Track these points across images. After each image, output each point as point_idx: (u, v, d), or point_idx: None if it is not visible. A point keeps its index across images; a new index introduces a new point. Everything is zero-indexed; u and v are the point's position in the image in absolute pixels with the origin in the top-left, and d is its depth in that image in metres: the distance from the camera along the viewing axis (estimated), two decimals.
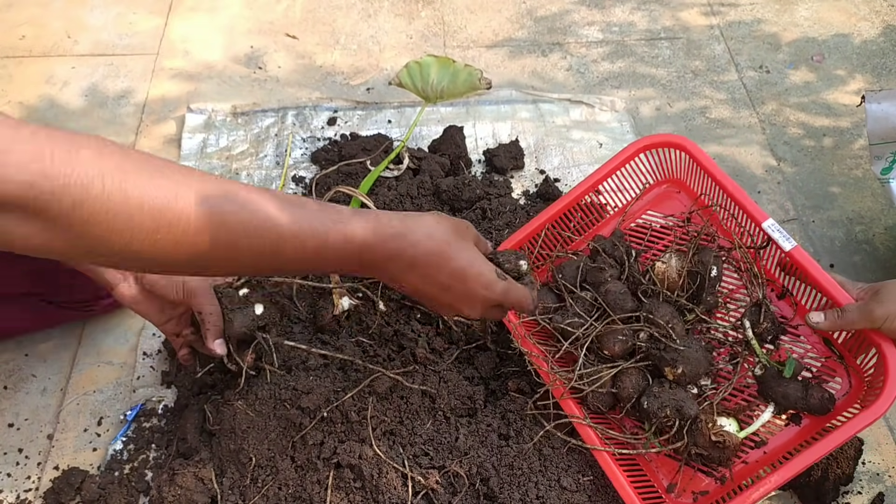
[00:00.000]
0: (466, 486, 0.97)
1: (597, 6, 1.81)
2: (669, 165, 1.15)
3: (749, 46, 1.71)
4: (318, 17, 1.76)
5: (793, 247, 0.99)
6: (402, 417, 1.00)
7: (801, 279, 1.01)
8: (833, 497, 1.04)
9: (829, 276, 0.97)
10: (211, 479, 0.97)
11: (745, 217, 1.04)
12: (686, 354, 0.94)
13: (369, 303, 1.09)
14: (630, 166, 1.15)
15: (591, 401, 0.98)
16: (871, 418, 0.88)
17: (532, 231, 1.12)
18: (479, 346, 1.11)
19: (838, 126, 1.56)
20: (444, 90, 1.35)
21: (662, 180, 1.17)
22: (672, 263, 1.02)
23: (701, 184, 1.12)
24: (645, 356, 0.98)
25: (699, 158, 1.08)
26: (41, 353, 1.19)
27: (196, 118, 1.51)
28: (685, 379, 0.95)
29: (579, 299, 1.03)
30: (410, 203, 1.26)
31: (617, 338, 0.98)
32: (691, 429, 0.94)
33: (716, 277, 1.02)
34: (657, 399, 0.94)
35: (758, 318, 0.99)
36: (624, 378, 0.98)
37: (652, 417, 0.94)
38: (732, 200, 1.05)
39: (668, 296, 1.01)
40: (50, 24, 1.71)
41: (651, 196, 1.18)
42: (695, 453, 0.95)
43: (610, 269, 1.05)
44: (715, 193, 1.09)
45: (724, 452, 0.93)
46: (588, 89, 1.63)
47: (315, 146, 1.46)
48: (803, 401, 0.95)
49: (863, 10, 1.79)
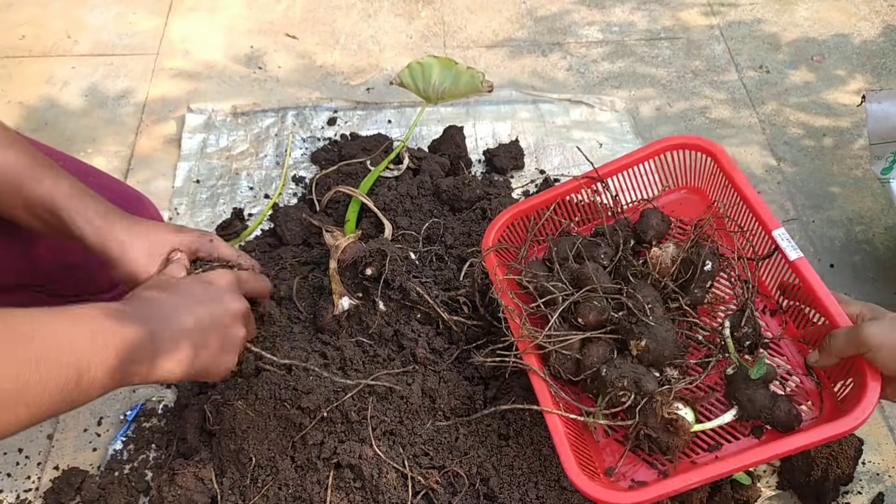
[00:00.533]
0: (466, 486, 0.97)
1: (597, 6, 1.81)
2: (690, 171, 1.12)
3: (749, 46, 1.71)
4: (318, 17, 1.76)
5: (798, 257, 0.96)
6: (402, 417, 1.01)
7: (801, 295, 0.97)
8: (833, 497, 1.04)
9: (829, 293, 0.93)
10: (211, 479, 0.97)
11: (755, 223, 1.01)
12: (654, 331, 0.93)
13: (369, 303, 1.09)
14: (650, 165, 1.12)
15: (553, 361, 0.96)
16: (832, 432, 0.84)
17: (539, 202, 1.10)
18: (480, 346, 1.11)
19: (838, 126, 1.56)
20: (446, 91, 1.35)
21: (681, 186, 1.14)
22: (668, 251, 1.02)
23: (718, 187, 1.09)
24: (615, 329, 0.97)
25: (724, 164, 1.05)
26: None
27: (196, 118, 1.51)
28: (648, 356, 0.93)
29: (566, 269, 1.02)
30: (410, 203, 1.26)
31: (592, 305, 0.96)
32: (644, 408, 0.90)
33: (708, 272, 1.00)
34: (617, 369, 0.92)
35: (739, 322, 0.96)
36: (591, 346, 0.96)
37: (608, 387, 0.91)
38: (747, 205, 1.02)
39: (657, 279, 1.00)
40: (50, 24, 1.71)
41: (666, 200, 1.15)
42: (643, 434, 0.91)
43: (605, 248, 1.04)
44: (729, 195, 1.06)
45: (674, 439, 0.90)
46: (588, 89, 1.63)
47: (315, 146, 1.46)
48: (768, 410, 0.90)
49: (863, 10, 1.79)
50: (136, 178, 1.42)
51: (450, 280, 1.15)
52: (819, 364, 0.93)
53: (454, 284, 1.14)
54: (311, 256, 1.23)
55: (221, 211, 1.36)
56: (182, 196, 1.38)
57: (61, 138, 1.49)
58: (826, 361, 0.92)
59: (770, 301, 1.03)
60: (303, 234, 1.27)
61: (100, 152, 1.47)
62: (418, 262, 1.16)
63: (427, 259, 1.18)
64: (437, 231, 1.22)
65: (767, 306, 1.04)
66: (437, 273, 1.16)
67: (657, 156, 1.12)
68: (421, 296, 1.07)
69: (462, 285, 1.13)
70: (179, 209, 1.36)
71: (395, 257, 1.08)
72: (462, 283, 1.13)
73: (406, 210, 1.25)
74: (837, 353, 0.89)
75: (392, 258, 1.07)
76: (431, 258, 1.19)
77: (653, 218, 1.07)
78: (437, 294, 1.10)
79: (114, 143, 1.49)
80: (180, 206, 1.37)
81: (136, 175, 1.43)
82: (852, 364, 0.89)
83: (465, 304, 1.12)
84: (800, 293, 0.97)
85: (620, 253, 1.04)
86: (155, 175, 1.43)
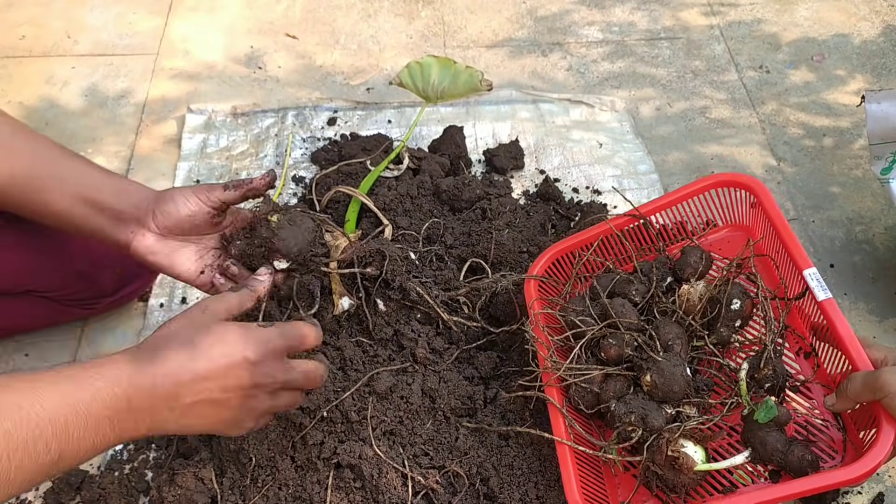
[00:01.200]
0: (466, 486, 0.97)
1: (597, 6, 1.81)
2: (733, 208, 1.12)
3: (749, 46, 1.71)
4: (318, 17, 1.76)
5: (826, 298, 0.94)
6: (402, 417, 1.00)
7: (828, 337, 0.95)
8: (833, 497, 1.04)
9: (853, 335, 0.91)
10: (211, 479, 0.97)
11: (788, 262, 1.00)
12: (661, 366, 0.92)
13: (369, 303, 1.09)
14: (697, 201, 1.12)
15: (573, 393, 0.98)
16: (843, 477, 0.82)
17: (583, 240, 1.11)
18: (480, 346, 1.11)
19: (838, 126, 1.56)
20: (445, 91, 1.35)
21: (728, 224, 1.14)
22: (697, 288, 1.01)
23: (760, 225, 1.09)
24: (631, 366, 0.97)
25: (763, 200, 1.04)
26: (41, 353, 1.19)
27: (196, 118, 1.51)
28: (657, 392, 0.93)
29: (598, 304, 1.02)
30: (411, 203, 1.26)
31: (612, 342, 0.98)
32: (652, 445, 0.91)
33: (736, 311, 0.98)
34: (626, 405, 0.93)
35: (758, 364, 0.94)
36: (611, 382, 0.97)
37: (616, 422, 0.93)
38: (781, 242, 1.01)
39: (682, 318, 1.00)
40: (50, 24, 1.71)
41: (714, 238, 1.14)
42: (651, 471, 0.92)
43: (638, 285, 1.04)
44: (767, 232, 1.06)
45: (680, 477, 0.89)
46: (588, 89, 1.63)
47: (315, 146, 1.46)
48: (781, 454, 0.89)
49: (863, 10, 1.79)
50: (136, 178, 1.41)
51: (450, 280, 1.15)
52: (835, 408, 0.92)
53: (454, 284, 1.14)
54: None
55: None
56: None
57: (61, 138, 1.48)
58: (842, 405, 0.90)
59: (805, 343, 1.02)
60: None
61: (100, 152, 1.47)
62: (418, 262, 1.16)
63: (427, 259, 1.18)
64: (437, 231, 1.22)
65: (802, 348, 1.02)
66: (437, 273, 1.16)
67: (701, 194, 1.11)
68: (421, 296, 1.07)
69: (462, 285, 1.13)
70: None
71: (395, 257, 1.08)
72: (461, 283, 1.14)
73: (406, 210, 1.25)
74: (853, 396, 0.87)
75: (392, 258, 1.07)
76: (431, 258, 1.19)
77: (692, 256, 1.05)
78: (437, 294, 1.10)
79: (114, 143, 1.49)
80: None
81: (136, 175, 1.43)
82: (876, 412, 0.87)
83: (465, 304, 1.12)
84: (827, 334, 0.95)
85: (653, 290, 1.04)
86: (155, 175, 1.43)
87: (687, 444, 0.90)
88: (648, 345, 0.96)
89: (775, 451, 0.90)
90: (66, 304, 1.14)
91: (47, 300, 1.12)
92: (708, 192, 1.11)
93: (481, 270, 1.18)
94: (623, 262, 1.15)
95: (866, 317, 1.28)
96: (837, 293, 1.30)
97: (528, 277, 1.09)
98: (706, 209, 1.13)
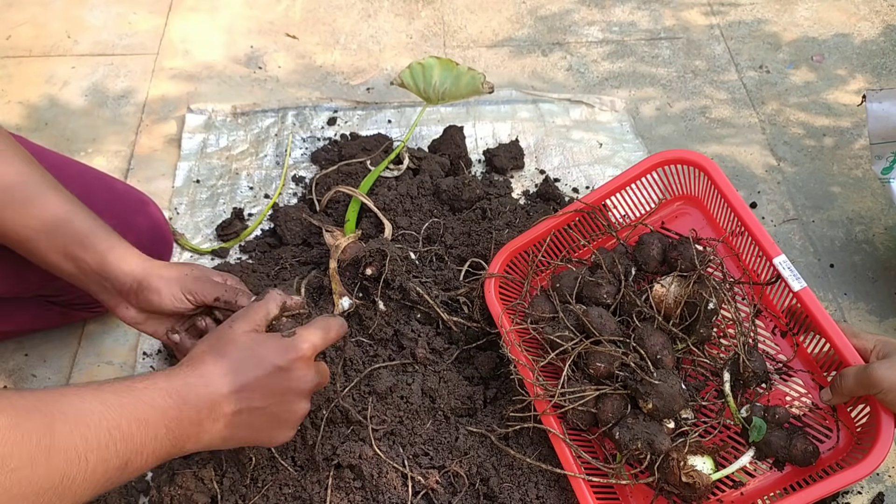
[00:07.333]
0: (466, 486, 0.97)
1: (597, 6, 1.81)
2: (686, 182, 1.11)
3: (749, 46, 1.71)
4: (318, 17, 1.76)
5: (801, 287, 0.94)
6: (402, 417, 1.00)
7: (809, 324, 0.96)
8: (833, 497, 1.04)
9: (835, 325, 0.92)
10: (211, 479, 0.97)
11: (756, 250, 1.00)
12: (660, 389, 0.92)
13: (369, 303, 1.09)
14: (646, 179, 1.10)
15: (570, 417, 0.97)
16: (852, 478, 0.85)
17: (537, 236, 1.10)
18: (480, 346, 1.11)
19: (838, 126, 1.56)
20: (446, 92, 1.35)
21: (678, 197, 1.13)
22: (671, 290, 1.00)
23: (716, 206, 1.08)
24: (624, 385, 0.97)
25: (717, 181, 1.03)
26: (41, 353, 1.19)
27: (196, 118, 1.51)
28: (658, 414, 0.93)
29: (571, 313, 1.01)
30: (411, 203, 1.26)
31: (600, 358, 0.96)
32: (662, 465, 0.92)
33: (712, 311, 0.98)
34: (630, 431, 0.93)
35: (738, 368, 0.95)
36: (606, 401, 0.96)
37: (623, 448, 0.93)
38: (746, 230, 1.00)
39: (662, 323, 0.99)
40: (50, 24, 1.71)
41: (664, 212, 1.13)
42: (665, 490, 0.94)
43: (607, 286, 1.03)
44: (728, 219, 1.05)
45: (695, 493, 0.91)
46: (588, 89, 1.63)
47: (315, 146, 1.46)
48: (785, 450, 0.93)
49: (863, 10, 1.79)
50: (136, 178, 1.42)
51: (450, 280, 1.15)
52: (831, 402, 0.94)
53: (454, 284, 1.14)
54: (311, 256, 1.23)
55: (221, 211, 1.36)
56: (182, 196, 1.38)
57: (61, 138, 1.49)
58: (837, 400, 0.93)
59: (780, 322, 1.03)
60: (303, 234, 1.27)
61: (100, 152, 1.47)
62: (418, 262, 1.16)
63: (427, 259, 1.18)
64: (437, 231, 1.22)
65: (777, 327, 1.03)
66: (437, 273, 1.16)
67: (650, 173, 1.10)
68: (421, 296, 1.07)
69: (462, 285, 1.13)
70: (179, 209, 1.36)
71: (395, 257, 1.08)
72: (461, 283, 1.13)
73: (406, 210, 1.25)
74: (848, 392, 0.90)
75: (392, 258, 1.07)
76: (431, 258, 1.19)
77: (652, 248, 1.06)
78: (437, 294, 1.10)
79: (114, 143, 1.49)
80: (180, 205, 1.37)
81: (137, 175, 1.43)
82: (870, 401, 0.90)
83: (465, 304, 1.12)
84: (807, 321, 0.96)
85: (623, 290, 1.03)
86: (155, 175, 1.43)
87: (695, 459, 0.92)
88: (640, 366, 0.95)
89: (780, 448, 0.94)
90: (73, 308, 1.15)
91: (55, 304, 1.13)
92: (656, 171, 1.09)
93: (482, 270, 1.18)
94: (578, 249, 1.14)
95: (866, 317, 1.28)
96: (838, 293, 1.30)
97: (488, 276, 1.06)
98: (658, 187, 1.12)
